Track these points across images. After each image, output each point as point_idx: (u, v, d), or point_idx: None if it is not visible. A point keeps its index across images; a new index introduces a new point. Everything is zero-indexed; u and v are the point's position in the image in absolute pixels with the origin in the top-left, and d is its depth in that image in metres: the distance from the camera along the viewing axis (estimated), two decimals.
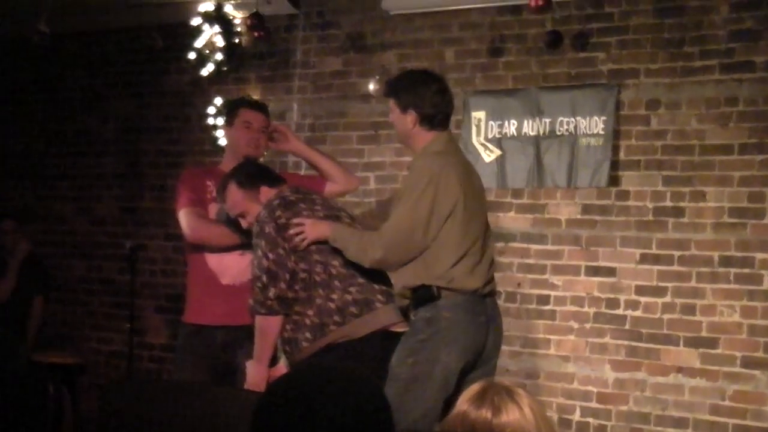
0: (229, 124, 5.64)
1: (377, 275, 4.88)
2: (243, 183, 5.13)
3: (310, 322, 4.82)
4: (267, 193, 5.08)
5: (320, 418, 2.01)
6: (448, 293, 4.65)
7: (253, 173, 5.20)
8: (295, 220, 4.86)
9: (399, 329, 4.87)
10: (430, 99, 4.79)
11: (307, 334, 4.82)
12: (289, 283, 4.81)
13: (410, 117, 4.80)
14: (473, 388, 2.79)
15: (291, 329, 4.86)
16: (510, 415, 2.70)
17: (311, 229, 4.83)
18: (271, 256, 4.81)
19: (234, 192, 5.15)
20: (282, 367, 5.01)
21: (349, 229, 4.92)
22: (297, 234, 4.83)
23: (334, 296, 4.81)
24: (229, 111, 5.78)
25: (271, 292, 4.80)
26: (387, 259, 4.72)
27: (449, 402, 4.63)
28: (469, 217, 4.74)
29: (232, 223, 5.38)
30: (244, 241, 5.35)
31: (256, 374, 4.87)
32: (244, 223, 5.17)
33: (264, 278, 4.81)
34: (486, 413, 2.70)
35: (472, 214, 4.77)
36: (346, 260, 4.85)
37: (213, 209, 5.51)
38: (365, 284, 4.86)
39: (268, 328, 4.86)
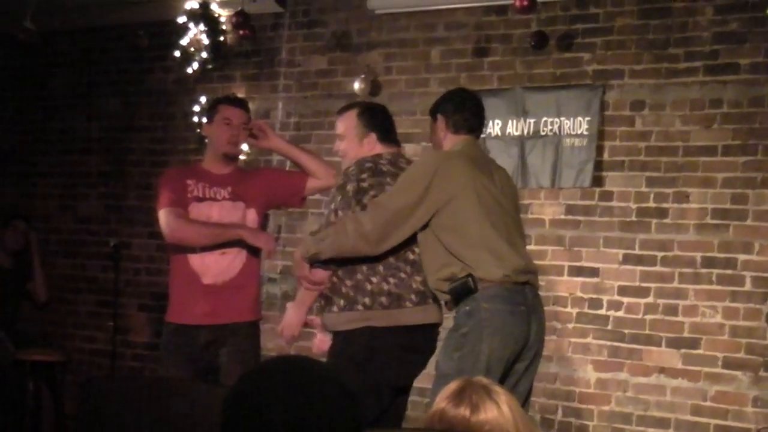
0: (209, 121, 5.63)
1: (419, 274, 4.89)
2: (364, 114, 5.04)
3: (345, 291, 4.85)
4: (372, 144, 5.00)
5: (278, 412, 2.00)
6: (484, 285, 4.69)
7: (378, 117, 5.09)
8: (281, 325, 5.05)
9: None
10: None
11: (341, 302, 4.85)
12: None
13: (440, 123, 5.02)
14: (451, 386, 2.79)
15: (329, 288, 4.91)
16: (488, 413, 2.71)
17: (287, 324, 5.04)
18: (340, 214, 4.84)
19: (351, 118, 5.05)
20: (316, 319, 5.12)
21: (312, 237, 4.95)
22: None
23: (374, 279, 4.81)
24: (209, 108, 5.77)
25: None
26: (370, 234, 4.70)
27: None
28: (487, 208, 4.78)
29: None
30: (223, 240, 5.37)
31: (291, 315, 5.05)
32: (336, 146, 5.12)
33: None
34: (464, 411, 2.71)
35: (492, 204, 4.82)
36: (398, 253, 4.85)
37: (193, 209, 5.50)
38: (405, 280, 4.84)
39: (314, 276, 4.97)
